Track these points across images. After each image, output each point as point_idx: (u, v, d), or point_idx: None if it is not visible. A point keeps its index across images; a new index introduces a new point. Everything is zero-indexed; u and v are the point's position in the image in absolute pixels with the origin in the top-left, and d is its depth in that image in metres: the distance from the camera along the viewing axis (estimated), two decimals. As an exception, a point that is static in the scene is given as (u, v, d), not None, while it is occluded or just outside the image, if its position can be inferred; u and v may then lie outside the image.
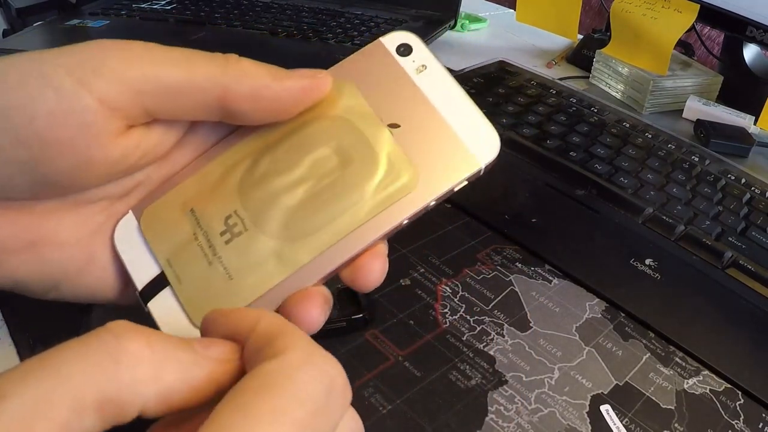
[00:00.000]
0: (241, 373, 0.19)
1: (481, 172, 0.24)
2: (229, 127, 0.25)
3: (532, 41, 0.83)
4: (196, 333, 0.23)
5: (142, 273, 0.24)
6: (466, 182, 0.24)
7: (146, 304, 0.23)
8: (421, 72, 0.24)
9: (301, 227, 0.23)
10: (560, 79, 0.70)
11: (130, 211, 0.25)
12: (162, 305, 0.23)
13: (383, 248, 0.24)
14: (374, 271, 0.23)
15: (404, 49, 0.24)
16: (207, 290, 0.23)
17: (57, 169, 0.21)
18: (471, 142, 0.23)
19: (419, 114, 0.24)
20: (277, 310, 0.22)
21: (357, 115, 0.24)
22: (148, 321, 0.22)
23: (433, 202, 0.23)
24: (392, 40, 0.25)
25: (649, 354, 0.36)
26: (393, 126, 0.24)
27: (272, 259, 0.23)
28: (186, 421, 0.18)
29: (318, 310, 0.22)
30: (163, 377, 0.17)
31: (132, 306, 0.25)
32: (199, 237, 0.24)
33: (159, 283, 0.24)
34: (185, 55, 0.22)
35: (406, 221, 0.23)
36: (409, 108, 0.24)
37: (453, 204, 0.45)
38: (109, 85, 0.21)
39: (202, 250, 0.23)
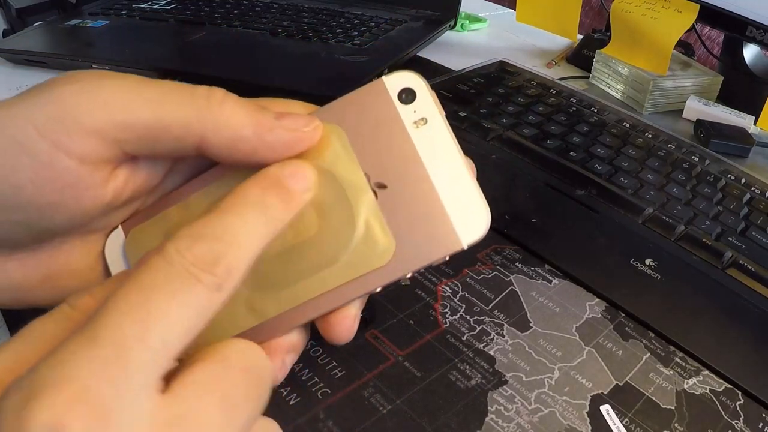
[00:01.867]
0: None
1: (463, 250, 0.22)
2: None
3: (532, 41, 0.83)
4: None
5: None
6: (447, 258, 0.22)
7: None
8: (420, 127, 0.22)
9: (272, 280, 0.22)
10: (560, 79, 0.70)
11: (120, 226, 0.25)
12: None
13: (354, 310, 0.23)
14: (342, 332, 0.23)
15: (406, 96, 0.22)
16: None
17: (57, 223, 0.22)
18: (458, 218, 0.22)
19: (409, 176, 0.22)
20: None
21: (341, 169, 0.22)
22: None
23: (409, 275, 0.22)
24: (396, 81, 0.22)
25: (649, 354, 0.36)
26: (379, 186, 0.22)
27: (242, 306, 0.23)
28: None
29: (279, 363, 0.23)
30: None
31: None
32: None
33: None
34: (162, 94, 0.21)
35: (378, 290, 0.23)
36: (399, 167, 0.22)
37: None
38: (83, 140, 0.20)
39: None
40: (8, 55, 0.66)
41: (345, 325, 0.23)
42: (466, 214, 0.22)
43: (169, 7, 0.76)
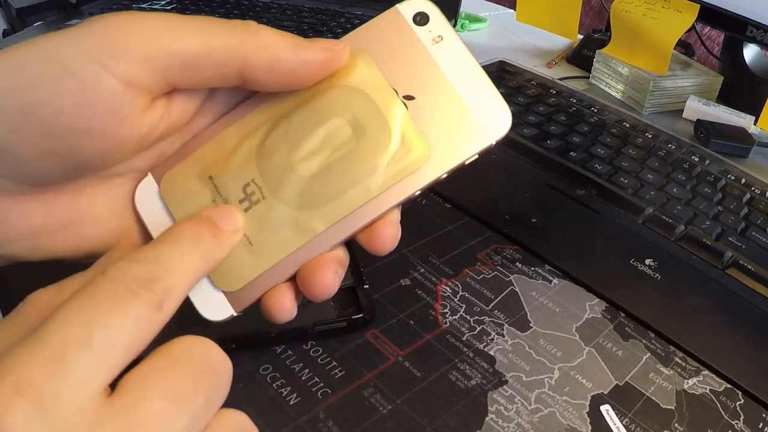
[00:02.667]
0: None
1: (492, 147, 0.24)
2: (247, 91, 0.25)
3: (532, 41, 0.83)
4: (220, 296, 0.23)
5: None
6: (477, 156, 0.24)
7: None
8: (438, 43, 0.24)
9: (316, 197, 0.24)
10: (560, 79, 0.70)
11: (150, 174, 0.25)
12: None
13: (396, 215, 0.24)
14: (388, 238, 0.24)
15: (420, 18, 0.24)
16: (229, 255, 0.23)
17: (90, 154, 0.22)
18: (483, 118, 0.24)
19: (433, 87, 0.24)
20: (294, 276, 0.24)
21: (371, 86, 0.24)
22: None
23: (444, 175, 0.24)
24: (409, 7, 0.24)
25: (649, 354, 0.36)
26: (407, 98, 0.24)
27: (289, 227, 0.24)
28: None
29: (332, 275, 0.23)
30: None
31: None
32: (219, 204, 0.24)
33: None
34: (204, 25, 0.22)
35: (418, 193, 0.24)
36: (423, 80, 0.24)
37: (453, 204, 0.45)
38: (131, 65, 0.21)
39: None
40: (8, 55, 0.66)
41: (389, 232, 0.24)
42: (490, 114, 0.24)
43: (169, 8, 0.76)
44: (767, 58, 0.71)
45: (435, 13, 0.24)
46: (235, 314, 0.23)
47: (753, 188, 0.50)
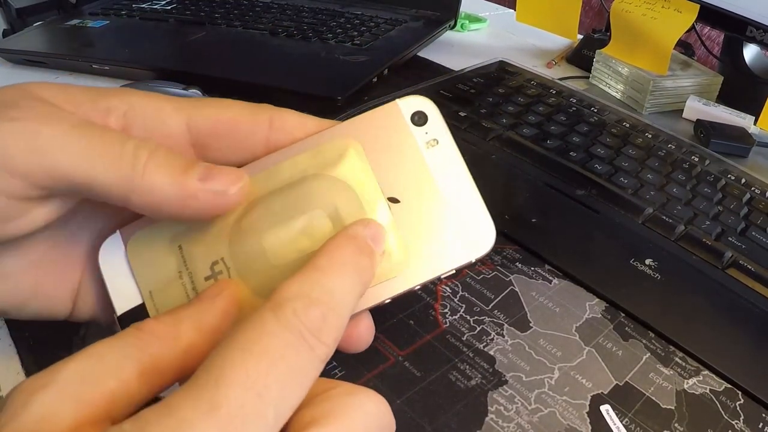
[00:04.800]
0: (238, 303, 0.22)
1: (472, 264, 0.23)
2: None
3: (532, 41, 0.83)
4: None
5: (123, 299, 0.24)
6: (454, 271, 0.23)
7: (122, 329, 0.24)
8: (432, 147, 0.23)
9: None
10: (560, 79, 0.70)
11: (118, 232, 0.24)
12: None
13: (367, 320, 0.24)
14: (361, 339, 0.24)
15: (419, 118, 0.24)
16: None
17: None
18: (468, 234, 0.23)
19: (421, 192, 0.23)
20: None
21: (358, 181, 0.23)
22: None
23: (418, 287, 0.23)
24: (409, 105, 0.24)
25: (649, 354, 0.36)
26: (393, 200, 0.23)
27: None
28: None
29: None
30: (180, 335, 0.20)
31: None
32: (184, 276, 0.23)
33: (138, 313, 0.24)
34: (91, 151, 0.21)
35: (388, 301, 0.23)
36: (412, 184, 0.23)
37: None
38: (10, 180, 0.21)
39: (185, 290, 0.23)
40: (8, 55, 0.66)
41: (363, 333, 0.24)
42: (475, 231, 0.23)
43: (169, 7, 0.76)
44: (767, 58, 0.71)
45: (434, 114, 0.24)
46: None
47: (753, 188, 0.50)
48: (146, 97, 0.23)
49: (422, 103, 0.24)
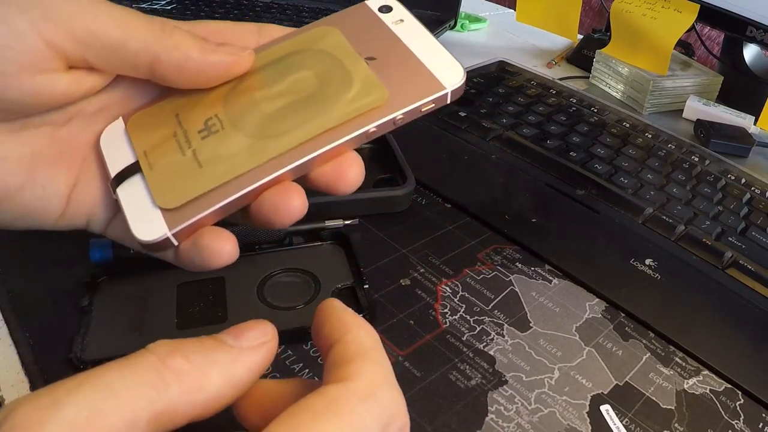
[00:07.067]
0: (274, 350, 0.21)
1: (448, 98, 0.26)
2: (158, 87, 0.27)
3: (532, 41, 0.83)
4: (157, 213, 0.23)
5: (118, 164, 0.25)
6: (432, 105, 0.26)
7: (115, 190, 0.25)
8: (399, 24, 0.27)
9: (275, 128, 0.24)
10: (560, 79, 0.70)
11: (120, 117, 0.26)
12: (130, 190, 0.24)
13: (358, 157, 0.25)
14: (352, 176, 0.25)
15: (385, 9, 0.28)
16: (175, 175, 0.24)
17: (5, 97, 0.23)
18: (438, 71, 0.26)
19: (393, 51, 0.26)
20: (256, 202, 0.24)
21: (338, 49, 0.26)
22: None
23: (400, 116, 0.25)
24: (375, 1, 0.28)
25: (649, 354, 0.36)
26: (370, 59, 0.26)
27: (244, 151, 0.24)
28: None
29: (298, 199, 0.24)
30: (207, 385, 0.19)
31: (69, 231, 0.26)
32: (178, 134, 0.25)
33: (131, 170, 0.25)
34: (126, 17, 0.24)
35: (373, 129, 0.25)
36: (384, 47, 0.26)
37: (453, 204, 0.45)
38: (55, 30, 0.23)
39: (178, 144, 0.25)
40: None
41: (353, 170, 0.25)
42: (444, 69, 0.26)
43: (169, 8, 0.76)
44: (767, 58, 0.71)
45: (398, 5, 0.28)
46: (170, 235, 0.23)
47: (753, 188, 0.50)
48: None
49: None
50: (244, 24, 0.28)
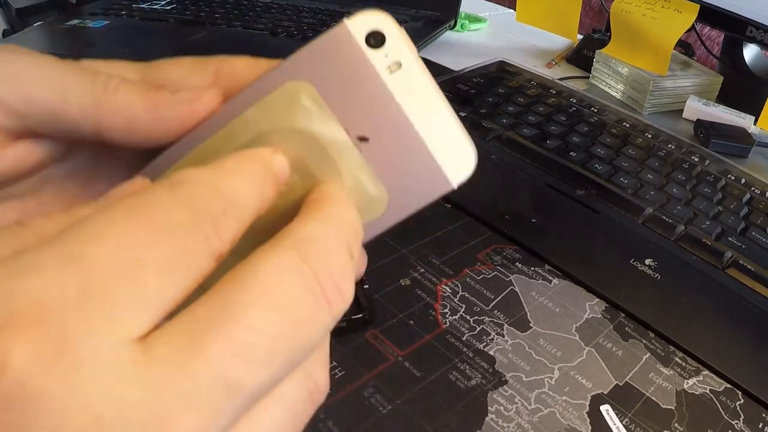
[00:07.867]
0: None
1: (454, 190, 0.22)
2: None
3: (532, 41, 0.83)
4: None
5: None
6: (438, 199, 0.22)
7: None
8: (395, 72, 0.20)
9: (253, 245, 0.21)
10: (560, 79, 0.70)
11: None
12: None
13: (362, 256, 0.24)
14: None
15: (375, 40, 0.20)
16: None
17: None
18: (445, 160, 0.21)
19: (390, 126, 0.21)
20: None
21: (318, 126, 0.21)
22: None
23: (398, 222, 0.22)
24: (362, 25, 0.20)
25: (649, 354, 0.36)
26: (360, 139, 0.21)
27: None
28: None
29: None
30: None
31: None
32: None
33: None
34: (64, 77, 0.21)
35: (369, 239, 0.22)
36: (377, 117, 0.21)
37: (453, 204, 0.45)
38: None
39: None
40: (8, 55, 0.66)
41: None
42: (453, 155, 0.21)
43: (169, 8, 0.76)
44: (767, 58, 0.71)
45: (392, 32, 0.20)
46: None
47: (753, 188, 0.50)
48: (107, 65, 0.24)
49: (376, 20, 0.20)
50: (203, 68, 0.24)
